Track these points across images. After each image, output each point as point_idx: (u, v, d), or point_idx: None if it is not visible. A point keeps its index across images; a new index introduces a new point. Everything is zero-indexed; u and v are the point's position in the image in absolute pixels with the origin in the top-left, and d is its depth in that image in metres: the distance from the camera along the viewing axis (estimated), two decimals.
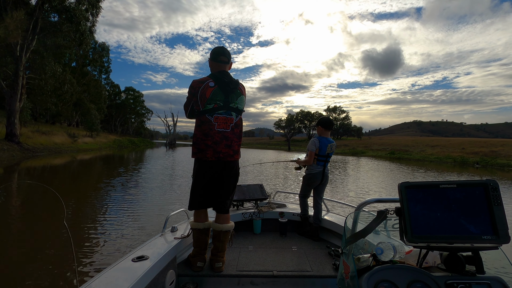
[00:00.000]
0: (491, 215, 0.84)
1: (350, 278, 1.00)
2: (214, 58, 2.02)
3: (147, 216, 5.55)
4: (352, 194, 9.15)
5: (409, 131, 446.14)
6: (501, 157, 33.39)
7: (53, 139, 23.95)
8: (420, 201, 0.90)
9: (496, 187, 0.86)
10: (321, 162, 2.96)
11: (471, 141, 51.29)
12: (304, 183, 3.05)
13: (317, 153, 2.94)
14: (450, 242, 0.86)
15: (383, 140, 72.44)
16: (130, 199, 6.97)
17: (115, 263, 1.51)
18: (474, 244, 0.85)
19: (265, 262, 2.20)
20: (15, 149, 16.93)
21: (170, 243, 1.90)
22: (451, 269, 0.90)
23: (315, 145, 2.93)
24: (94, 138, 34.51)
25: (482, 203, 0.86)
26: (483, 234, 0.84)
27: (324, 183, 3.02)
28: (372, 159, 35.06)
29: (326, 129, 3.00)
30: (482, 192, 0.86)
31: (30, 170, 12.33)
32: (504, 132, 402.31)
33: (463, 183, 0.88)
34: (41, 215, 5.47)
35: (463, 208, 0.87)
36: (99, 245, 4.07)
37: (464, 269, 0.88)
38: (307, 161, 3.00)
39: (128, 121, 68.35)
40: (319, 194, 2.99)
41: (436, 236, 0.87)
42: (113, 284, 1.27)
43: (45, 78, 19.39)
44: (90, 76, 42.24)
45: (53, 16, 18.47)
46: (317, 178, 2.97)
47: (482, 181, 0.87)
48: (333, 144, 3.00)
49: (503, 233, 0.82)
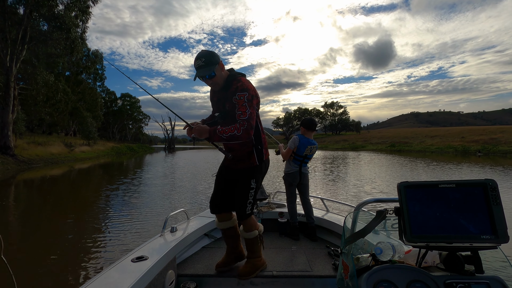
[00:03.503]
0: (490, 215, 0.84)
1: (350, 278, 0.99)
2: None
3: (148, 217, 5.35)
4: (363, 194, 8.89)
5: (407, 122, 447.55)
6: (502, 144, 33.30)
7: (50, 149, 23.60)
8: (419, 201, 0.90)
9: (495, 187, 0.85)
10: (297, 162, 3.00)
11: (470, 130, 51.33)
12: (286, 184, 3.10)
13: (295, 152, 2.98)
14: (449, 241, 0.86)
15: (382, 133, 72.46)
16: (130, 203, 6.74)
17: (115, 263, 1.50)
18: (473, 244, 0.85)
19: None
20: (9, 162, 16.59)
21: (170, 243, 1.90)
22: (450, 269, 0.90)
23: (295, 143, 2.97)
24: (91, 146, 34.15)
25: (481, 202, 0.85)
26: (482, 233, 0.83)
27: (305, 183, 3.06)
28: (373, 153, 34.87)
29: (308, 129, 3.04)
30: (481, 191, 0.86)
31: (28, 182, 12.04)
32: (501, 119, 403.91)
33: (462, 183, 0.88)
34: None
35: (462, 208, 0.87)
36: (99, 245, 4.09)
37: (463, 268, 0.88)
38: (283, 154, 3.06)
39: (125, 128, 68.00)
40: (304, 194, 3.03)
41: (435, 235, 0.86)
42: (113, 284, 1.27)
43: (37, 88, 19.03)
44: (85, 84, 41.83)
45: (42, 25, 18.12)
46: (295, 177, 3.01)
47: (481, 180, 0.87)
48: (314, 146, 3.01)
49: (502, 233, 0.82)
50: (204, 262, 2.17)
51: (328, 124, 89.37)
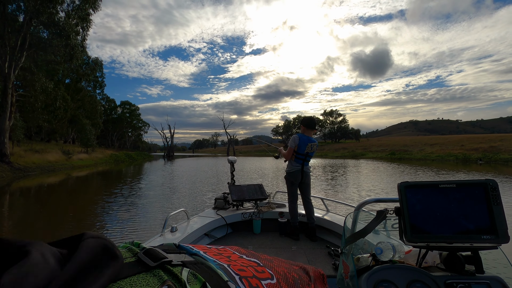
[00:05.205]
0: (490, 215, 0.83)
1: (350, 278, 0.99)
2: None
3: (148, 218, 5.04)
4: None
5: (406, 131, 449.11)
6: (502, 152, 33.17)
7: (47, 157, 23.29)
8: (420, 201, 0.89)
9: (495, 187, 0.84)
10: (299, 160, 2.98)
11: (470, 138, 51.30)
12: (287, 184, 3.08)
13: (296, 151, 2.97)
14: (449, 242, 0.85)
15: (381, 141, 72.40)
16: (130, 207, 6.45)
17: None
18: (474, 244, 0.84)
19: None
20: (5, 169, 16.29)
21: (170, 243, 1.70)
22: (451, 269, 0.89)
23: (295, 141, 2.96)
24: (89, 154, 33.87)
25: (482, 202, 0.84)
26: (482, 234, 0.83)
27: (306, 182, 3.04)
28: (375, 161, 34.65)
29: (308, 128, 3.05)
30: (481, 191, 0.85)
31: (23, 190, 11.73)
32: (500, 127, 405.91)
33: (462, 183, 0.87)
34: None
35: (462, 208, 0.86)
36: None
37: (463, 268, 0.87)
38: (285, 155, 3.06)
39: (125, 135, 67.80)
40: (306, 194, 3.02)
41: (435, 236, 0.85)
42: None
43: (35, 95, 18.88)
44: (85, 91, 41.83)
45: (42, 32, 18.08)
46: (297, 176, 2.99)
47: (481, 180, 0.85)
48: (314, 143, 3.01)
49: (503, 233, 0.81)
50: None
51: (328, 132, 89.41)
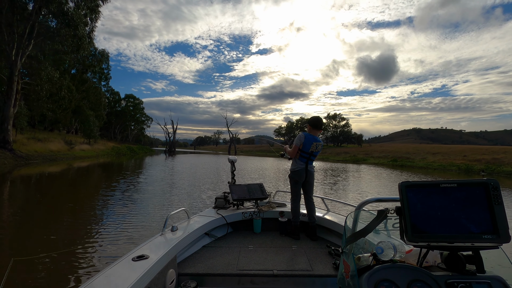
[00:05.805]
0: (491, 215, 0.83)
1: (351, 277, 0.98)
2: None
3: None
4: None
5: (408, 138, 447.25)
6: (505, 165, 32.91)
7: (49, 146, 23.40)
8: (421, 201, 0.89)
9: (496, 187, 0.84)
10: (303, 159, 2.99)
11: (472, 149, 50.93)
12: (291, 182, 3.08)
13: (301, 149, 2.99)
14: (450, 241, 0.85)
15: (383, 147, 72.05)
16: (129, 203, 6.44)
17: (115, 262, 1.50)
18: (475, 244, 0.84)
19: (265, 262, 2.20)
20: (7, 156, 16.37)
21: (170, 242, 1.90)
22: (452, 269, 0.89)
23: (300, 139, 2.98)
24: (91, 145, 33.97)
25: (483, 202, 0.84)
26: (483, 233, 0.82)
27: (310, 182, 3.06)
28: (375, 167, 34.53)
29: (314, 127, 3.06)
30: (482, 191, 0.85)
31: (24, 178, 11.76)
32: (503, 139, 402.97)
33: (463, 183, 0.87)
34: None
35: (463, 208, 0.85)
36: (99, 245, 4.09)
37: (464, 268, 0.87)
38: (290, 152, 3.08)
39: (127, 129, 67.98)
40: (308, 193, 3.04)
41: (436, 235, 0.85)
42: (113, 283, 1.27)
43: (40, 83, 18.96)
44: (90, 83, 41.95)
45: (50, 21, 18.17)
46: (301, 174, 3.00)
47: (482, 180, 0.86)
48: (319, 143, 3.02)
49: (504, 233, 0.81)
50: (205, 261, 2.17)
51: (330, 135, 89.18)
